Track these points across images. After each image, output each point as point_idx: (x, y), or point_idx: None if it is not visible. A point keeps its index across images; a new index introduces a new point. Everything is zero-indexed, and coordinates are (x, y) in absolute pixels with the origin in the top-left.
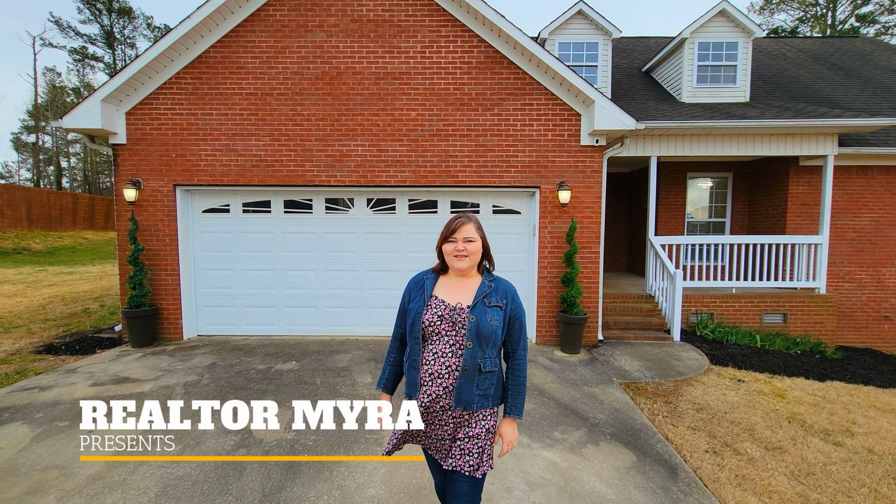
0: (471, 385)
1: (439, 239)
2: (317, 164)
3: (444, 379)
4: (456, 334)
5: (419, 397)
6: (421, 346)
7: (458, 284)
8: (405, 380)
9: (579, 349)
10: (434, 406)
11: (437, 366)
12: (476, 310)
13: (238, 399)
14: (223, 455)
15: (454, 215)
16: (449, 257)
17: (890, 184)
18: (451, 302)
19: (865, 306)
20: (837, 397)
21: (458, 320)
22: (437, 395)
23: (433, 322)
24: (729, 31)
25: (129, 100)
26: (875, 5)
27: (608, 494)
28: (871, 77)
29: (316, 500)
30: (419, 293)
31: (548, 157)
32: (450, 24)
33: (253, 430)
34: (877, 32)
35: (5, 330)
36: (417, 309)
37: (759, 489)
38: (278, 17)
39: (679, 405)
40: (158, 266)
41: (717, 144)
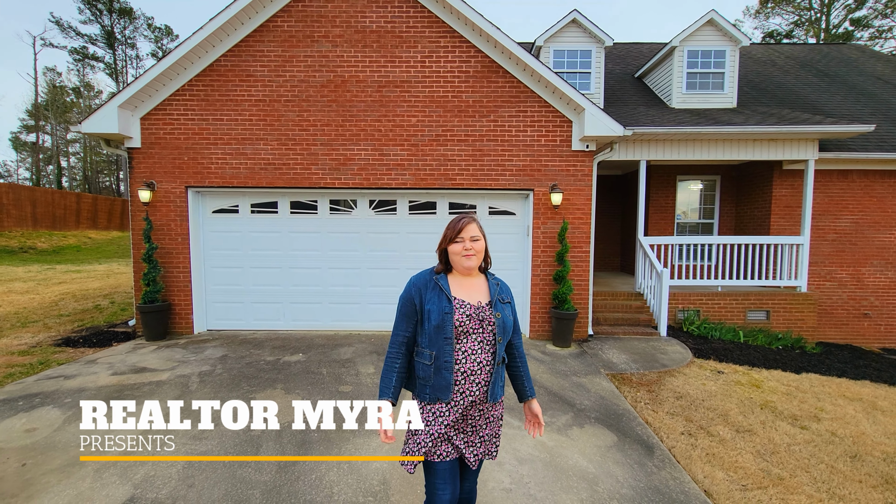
0: (499, 377)
1: (443, 240)
2: (322, 167)
3: (476, 375)
4: (483, 331)
5: (453, 397)
6: (453, 346)
7: (469, 284)
8: (428, 383)
9: (570, 343)
10: (464, 402)
11: (469, 363)
12: (497, 307)
13: (251, 386)
14: (243, 427)
15: (457, 216)
16: (457, 257)
17: (869, 187)
18: (472, 301)
19: (846, 304)
20: (810, 387)
21: (484, 318)
22: (471, 391)
23: (462, 322)
24: (717, 40)
25: (143, 106)
26: (869, 9)
27: (589, 468)
28: (856, 83)
29: (325, 473)
30: (434, 294)
31: (541, 161)
32: (448, 35)
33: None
34: (871, 36)
35: (23, 324)
36: (443, 310)
37: (727, 465)
38: (286, 28)
39: (660, 393)
40: (171, 264)
41: (703, 149)
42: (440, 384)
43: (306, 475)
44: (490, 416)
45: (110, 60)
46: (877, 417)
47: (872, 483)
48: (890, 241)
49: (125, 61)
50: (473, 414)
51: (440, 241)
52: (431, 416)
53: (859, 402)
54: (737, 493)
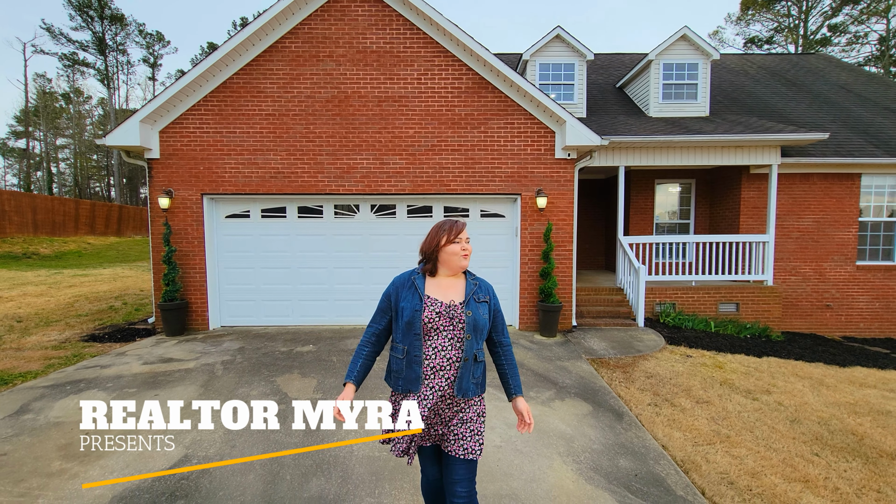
0: (468, 374)
1: (436, 241)
2: (327, 175)
3: (445, 371)
4: (453, 328)
5: (422, 391)
6: (422, 342)
7: (448, 284)
8: (401, 376)
9: (556, 333)
10: (433, 396)
11: (438, 359)
12: (470, 305)
13: (270, 372)
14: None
15: (450, 219)
16: (455, 257)
17: (828, 189)
18: (444, 300)
19: (809, 296)
20: (767, 368)
21: (454, 316)
22: (439, 386)
23: (432, 319)
24: (690, 54)
25: (162, 120)
26: (845, 16)
27: (567, 430)
28: (820, 92)
29: (345, 436)
30: (410, 292)
31: (527, 168)
32: (442, 55)
33: (287, 392)
34: (848, 41)
35: (46, 324)
36: (413, 307)
37: (684, 427)
38: (293, 49)
39: (633, 373)
40: (188, 265)
41: (677, 155)
42: (410, 377)
43: (329, 438)
44: (465, 415)
45: (101, 66)
46: (821, 391)
47: (804, 440)
48: (848, 238)
49: (116, 67)
50: (443, 408)
51: (429, 242)
52: (395, 404)
53: (808, 380)
54: (689, 447)
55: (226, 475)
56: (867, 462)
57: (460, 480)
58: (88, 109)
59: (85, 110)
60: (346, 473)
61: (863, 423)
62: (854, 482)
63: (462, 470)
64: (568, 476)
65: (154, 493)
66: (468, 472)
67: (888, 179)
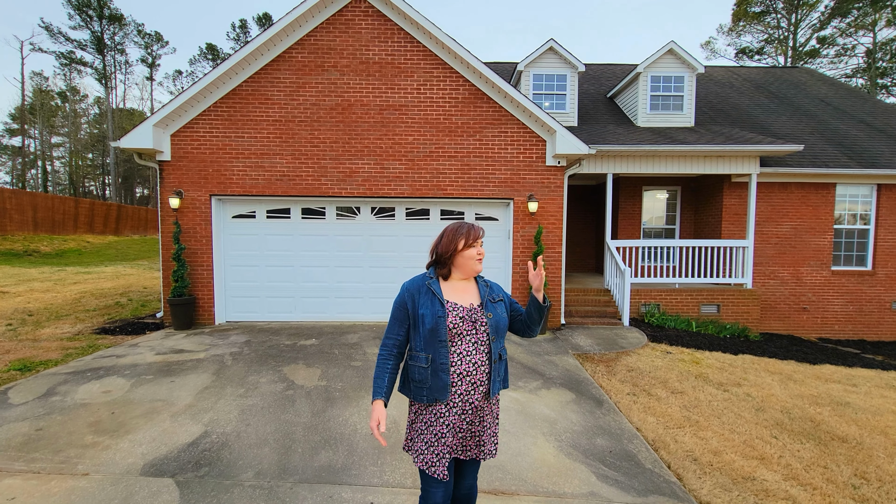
0: (497, 375)
1: (458, 245)
2: (330, 178)
3: (472, 376)
4: (476, 332)
5: (451, 398)
6: (448, 348)
7: (462, 288)
8: (425, 385)
9: (545, 331)
10: (466, 405)
11: (464, 365)
12: (488, 307)
13: (276, 362)
14: (278, 393)
15: (466, 223)
16: (471, 261)
17: (805, 197)
18: (464, 303)
19: (787, 299)
20: (741, 364)
21: (476, 319)
22: (468, 392)
23: (456, 324)
24: (676, 67)
25: (173, 124)
26: (833, 28)
27: (551, 415)
28: (801, 105)
29: (349, 416)
30: (428, 298)
31: (520, 174)
32: (440, 66)
33: (294, 380)
34: (836, 53)
35: (57, 317)
36: (435, 314)
37: (658, 413)
38: (300, 59)
39: (615, 367)
40: (196, 262)
41: (663, 164)
42: (437, 385)
43: (335, 418)
44: (488, 416)
45: (99, 66)
46: (788, 385)
47: (766, 425)
48: (824, 244)
49: (114, 67)
50: (471, 413)
51: (445, 245)
52: (432, 417)
53: (778, 375)
54: (661, 430)
55: (243, 448)
56: (819, 444)
57: (468, 474)
58: (84, 108)
59: (81, 109)
60: (351, 448)
61: (822, 412)
62: (805, 460)
63: (475, 469)
64: (550, 452)
65: (181, 462)
66: (477, 469)
67: (861, 189)
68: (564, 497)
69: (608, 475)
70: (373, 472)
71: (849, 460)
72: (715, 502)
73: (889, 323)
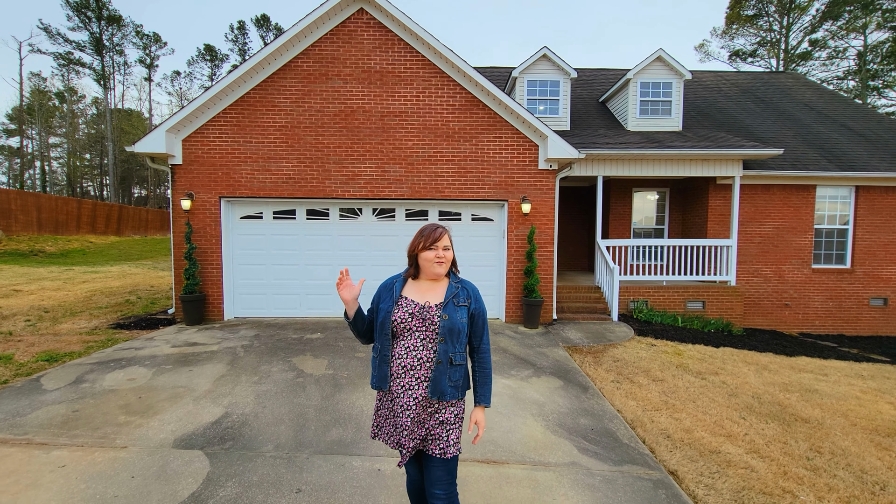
0: (444, 377)
1: (415, 245)
2: (334, 181)
3: (416, 370)
4: (426, 330)
5: (392, 388)
6: (391, 342)
7: (428, 287)
8: (374, 373)
9: (538, 325)
10: (405, 395)
11: (409, 359)
12: (447, 308)
13: (286, 353)
14: (289, 380)
15: (431, 224)
16: (429, 263)
17: (787, 198)
18: (419, 301)
19: (770, 296)
20: (721, 356)
21: (428, 317)
22: (410, 385)
23: (404, 319)
24: (665, 74)
25: (185, 130)
26: (825, 31)
27: (540, 399)
28: (786, 109)
29: (356, 399)
30: (388, 295)
31: (514, 177)
32: (438, 75)
33: (303, 369)
34: (828, 56)
35: (72, 314)
36: (387, 309)
37: (638, 398)
38: (305, 68)
39: (602, 358)
40: (205, 261)
41: (651, 167)
42: (381, 374)
43: (343, 401)
44: (442, 416)
45: (98, 67)
46: (763, 374)
47: (736, 408)
48: (805, 243)
49: (113, 68)
50: (419, 412)
51: (411, 246)
52: (380, 402)
53: (755, 365)
54: (639, 412)
55: (262, 426)
56: (782, 424)
57: (439, 481)
58: (82, 109)
59: (78, 109)
60: (359, 426)
61: (790, 397)
62: (767, 437)
63: (440, 471)
64: (537, 429)
65: (207, 437)
66: (447, 473)
67: (840, 191)
68: (549, 466)
69: (589, 448)
70: (379, 445)
71: (807, 437)
72: (681, 470)
73: (867, 318)
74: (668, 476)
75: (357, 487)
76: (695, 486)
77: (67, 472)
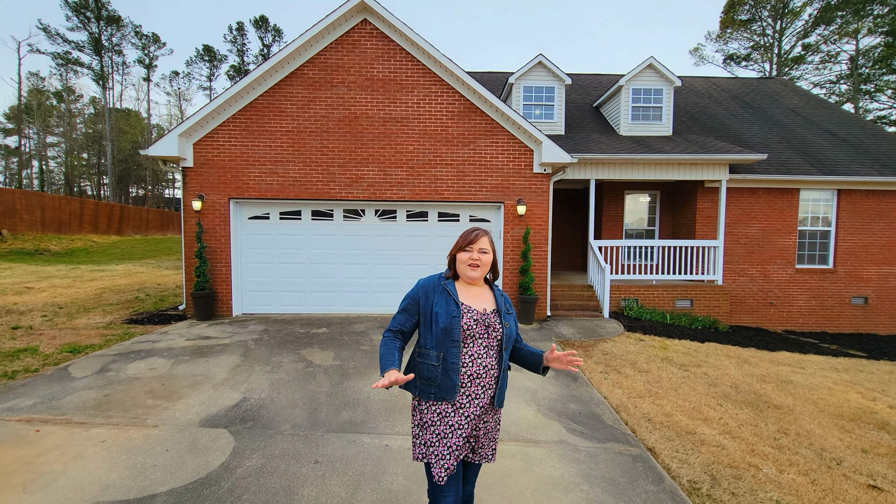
0: (504, 384)
1: (454, 247)
2: (338, 183)
3: (482, 379)
4: (488, 337)
5: (458, 399)
6: (460, 349)
7: (475, 292)
8: (434, 383)
9: (532, 321)
10: (472, 405)
11: (475, 367)
12: (504, 317)
13: (294, 346)
14: (299, 370)
15: (472, 226)
16: (463, 265)
17: (772, 201)
18: (478, 307)
19: (756, 295)
20: (705, 350)
21: (490, 324)
22: (476, 394)
23: (470, 326)
24: (656, 81)
25: (196, 134)
26: (818, 36)
27: (532, 387)
28: (773, 115)
29: (363, 387)
30: (443, 297)
31: (509, 180)
32: (438, 83)
33: (311, 360)
34: (821, 60)
35: (85, 310)
36: (450, 313)
37: (623, 387)
38: (311, 75)
39: (592, 351)
40: (215, 259)
41: (641, 170)
42: (447, 385)
43: (351, 388)
44: (489, 425)
45: (97, 66)
46: (743, 366)
47: (714, 396)
48: (789, 244)
49: (111, 68)
50: (477, 422)
51: (453, 247)
52: (437, 417)
53: (736, 359)
54: (624, 398)
55: (278, 409)
56: (756, 410)
57: (469, 480)
58: (80, 108)
59: (76, 109)
60: (367, 409)
61: (766, 387)
62: (740, 420)
63: (474, 475)
64: (530, 413)
65: (229, 418)
66: (476, 474)
67: (823, 194)
68: (539, 443)
69: (576, 429)
70: (385, 425)
71: (777, 421)
72: (658, 447)
73: (848, 316)
74: (647, 452)
75: (368, 459)
76: (669, 461)
77: (108, 446)
